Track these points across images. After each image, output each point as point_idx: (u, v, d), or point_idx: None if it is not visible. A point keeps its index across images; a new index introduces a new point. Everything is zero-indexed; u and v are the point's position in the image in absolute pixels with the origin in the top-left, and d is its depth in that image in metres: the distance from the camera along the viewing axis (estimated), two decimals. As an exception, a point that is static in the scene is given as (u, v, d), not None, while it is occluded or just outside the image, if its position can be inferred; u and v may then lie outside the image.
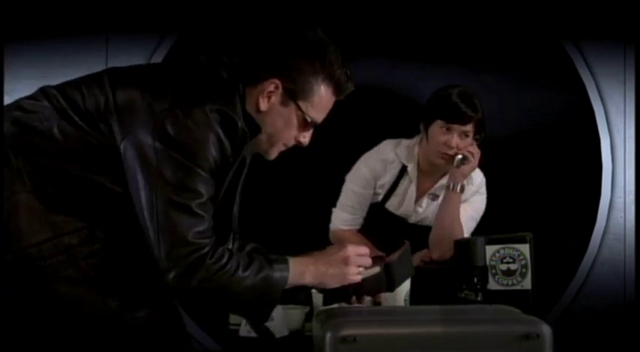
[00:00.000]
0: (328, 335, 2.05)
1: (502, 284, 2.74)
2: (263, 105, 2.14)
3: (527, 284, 2.73)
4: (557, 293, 3.98)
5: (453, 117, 3.23)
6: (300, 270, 2.16)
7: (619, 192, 3.99)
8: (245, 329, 2.48)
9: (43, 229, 2.02)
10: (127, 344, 2.09)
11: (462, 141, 3.24)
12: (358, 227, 3.43)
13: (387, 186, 3.40)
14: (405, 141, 3.41)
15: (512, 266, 2.74)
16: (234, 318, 2.61)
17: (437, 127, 3.26)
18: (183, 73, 2.13)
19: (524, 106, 4.45)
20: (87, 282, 2.03)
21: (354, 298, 2.29)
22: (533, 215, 4.12)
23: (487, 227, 3.10)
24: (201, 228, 2.02)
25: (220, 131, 2.04)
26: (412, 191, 3.38)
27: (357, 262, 2.23)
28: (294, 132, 2.21)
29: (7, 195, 2.02)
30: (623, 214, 3.99)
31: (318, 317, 2.26)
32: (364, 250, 2.26)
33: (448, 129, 3.24)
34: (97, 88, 2.08)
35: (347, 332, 2.04)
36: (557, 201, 4.21)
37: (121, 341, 2.08)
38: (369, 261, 2.26)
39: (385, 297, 2.61)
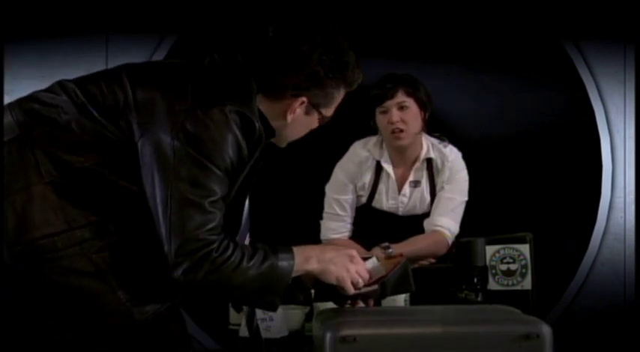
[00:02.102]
0: (328, 335, 2.05)
1: (502, 285, 2.74)
2: (290, 118, 2.22)
3: (527, 284, 2.73)
4: (557, 293, 3.98)
5: (379, 97, 3.37)
6: (306, 256, 2.18)
7: (619, 192, 3.99)
8: (245, 329, 2.48)
9: (57, 221, 2.02)
10: (134, 339, 2.10)
11: (402, 113, 3.34)
12: (348, 233, 3.45)
13: (368, 186, 3.44)
14: (372, 138, 3.47)
15: (512, 267, 2.75)
16: (234, 318, 2.61)
17: (378, 115, 3.40)
18: (202, 73, 2.16)
19: (524, 106, 4.46)
20: (98, 275, 2.04)
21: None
22: (533, 215, 4.12)
23: (487, 227, 3.10)
24: (211, 225, 2.04)
25: (238, 132, 2.08)
26: (393, 182, 3.43)
27: (359, 268, 2.26)
28: (309, 130, 2.31)
29: (22, 187, 2.03)
30: (623, 214, 3.99)
31: (318, 317, 2.26)
32: (365, 266, 2.30)
33: (384, 110, 3.36)
34: (116, 85, 2.10)
35: (347, 332, 2.04)
36: (557, 201, 4.21)
37: (130, 335, 2.09)
38: (366, 276, 2.28)
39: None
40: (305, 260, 2.17)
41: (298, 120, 2.24)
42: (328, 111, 2.27)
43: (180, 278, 2.01)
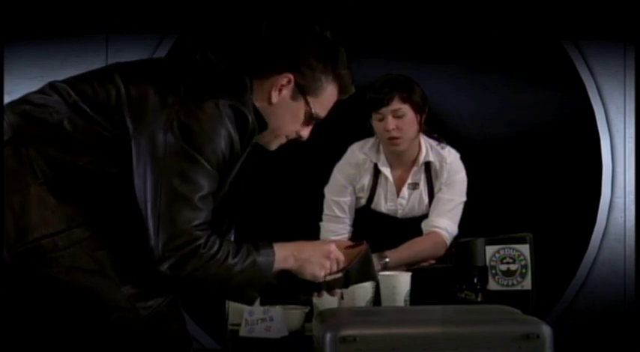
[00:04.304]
0: (328, 335, 2.05)
1: (502, 285, 2.74)
2: (274, 97, 2.20)
3: (527, 284, 2.73)
4: (557, 293, 3.98)
5: (376, 103, 3.32)
6: (285, 255, 2.19)
7: (619, 192, 4.00)
8: (245, 330, 2.48)
9: (56, 221, 2.03)
10: (137, 337, 2.11)
11: (398, 120, 3.31)
12: (348, 235, 3.45)
13: (367, 188, 3.43)
14: (370, 140, 3.46)
15: (512, 267, 2.74)
16: (234, 318, 2.61)
17: (374, 120, 3.36)
18: (194, 67, 2.17)
19: (524, 106, 4.46)
20: (101, 272, 2.05)
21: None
22: (533, 215, 4.12)
23: (487, 227, 3.10)
24: (199, 221, 2.04)
25: (231, 127, 2.08)
26: (391, 185, 3.42)
27: (338, 259, 2.27)
28: (297, 126, 2.27)
29: (19, 188, 2.03)
30: (623, 214, 3.99)
31: (318, 317, 2.26)
32: (341, 258, 2.30)
33: (380, 116, 3.32)
34: (107, 81, 2.11)
35: (347, 332, 2.05)
36: (557, 201, 4.21)
37: (133, 332, 2.10)
38: (342, 259, 2.29)
39: (385, 297, 2.62)
40: (284, 258, 2.18)
41: (285, 105, 2.21)
42: (317, 104, 2.24)
43: (167, 272, 2.02)
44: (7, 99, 2.21)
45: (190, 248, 2.02)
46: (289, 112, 2.23)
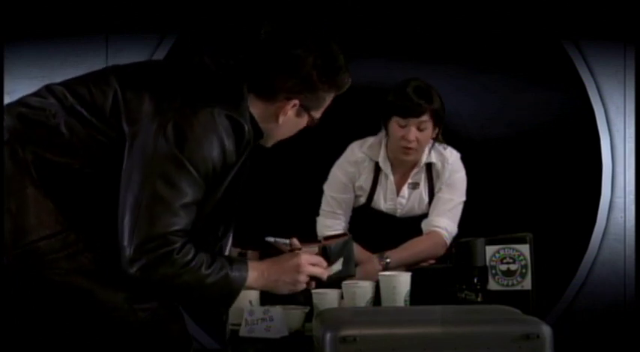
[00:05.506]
0: (328, 335, 2.05)
1: (502, 285, 2.74)
2: (281, 119, 2.25)
3: (527, 284, 2.73)
4: (557, 293, 3.98)
5: (408, 112, 3.27)
6: (256, 275, 2.20)
7: (619, 192, 3.99)
8: (245, 330, 2.48)
9: (52, 223, 2.03)
10: (136, 339, 2.11)
11: (420, 133, 3.28)
12: (343, 231, 3.45)
13: (366, 186, 3.43)
14: (370, 139, 3.45)
15: (512, 267, 2.74)
16: (234, 318, 2.61)
17: (394, 123, 3.31)
18: (192, 74, 2.17)
19: (524, 106, 4.46)
20: (98, 274, 2.06)
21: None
22: (533, 215, 4.12)
23: (487, 227, 3.10)
24: (177, 228, 2.04)
25: (225, 136, 2.09)
26: (391, 183, 3.42)
27: (309, 271, 2.28)
28: (297, 131, 2.34)
29: (16, 190, 2.04)
30: (623, 214, 3.99)
31: (318, 317, 2.26)
32: (317, 259, 2.33)
33: (405, 123, 3.28)
34: (104, 84, 2.11)
35: (347, 332, 2.05)
36: (557, 201, 4.21)
37: (131, 334, 2.10)
38: (320, 272, 2.31)
39: (385, 297, 2.62)
40: (255, 278, 2.20)
41: (289, 122, 2.27)
42: (317, 113, 2.30)
43: (136, 274, 2.02)
44: (7, 99, 2.21)
45: (163, 251, 2.02)
46: (293, 125, 2.30)
